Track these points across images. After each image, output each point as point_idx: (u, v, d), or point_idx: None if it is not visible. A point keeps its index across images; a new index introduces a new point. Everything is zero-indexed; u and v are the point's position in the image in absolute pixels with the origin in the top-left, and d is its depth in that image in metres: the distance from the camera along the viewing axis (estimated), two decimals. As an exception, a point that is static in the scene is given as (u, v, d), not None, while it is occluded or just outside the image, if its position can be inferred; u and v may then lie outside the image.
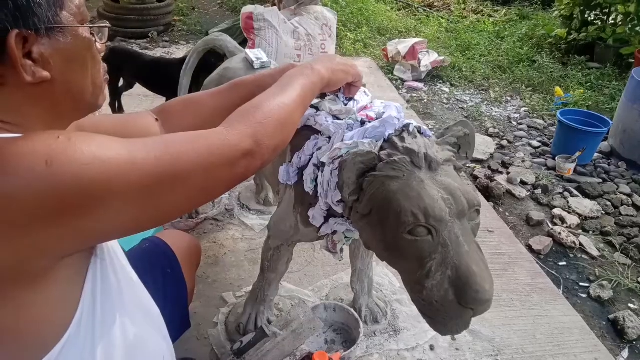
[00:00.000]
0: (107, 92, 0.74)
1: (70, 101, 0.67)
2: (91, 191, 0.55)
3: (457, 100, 3.80)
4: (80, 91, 0.68)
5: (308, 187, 1.13)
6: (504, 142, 3.13)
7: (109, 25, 0.74)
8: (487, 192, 2.52)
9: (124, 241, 1.39)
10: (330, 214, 1.12)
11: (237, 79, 1.02)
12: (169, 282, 1.10)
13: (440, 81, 4.11)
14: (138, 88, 2.82)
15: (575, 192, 2.57)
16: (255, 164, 0.71)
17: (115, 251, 0.75)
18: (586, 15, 4.50)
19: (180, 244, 1.20)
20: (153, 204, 0.62)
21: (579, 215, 2.38)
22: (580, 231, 2.29)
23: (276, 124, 0.75)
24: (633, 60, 3.92)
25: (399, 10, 6.03)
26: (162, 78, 2.52)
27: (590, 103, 3.58)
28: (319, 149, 1.12)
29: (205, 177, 0.65)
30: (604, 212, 2.42)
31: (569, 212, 2.40)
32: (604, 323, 1.79)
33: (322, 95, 1.24)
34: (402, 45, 4.11)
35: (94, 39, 0.68)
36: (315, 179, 1.11)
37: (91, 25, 0.68)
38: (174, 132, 0.95)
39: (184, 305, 1.17)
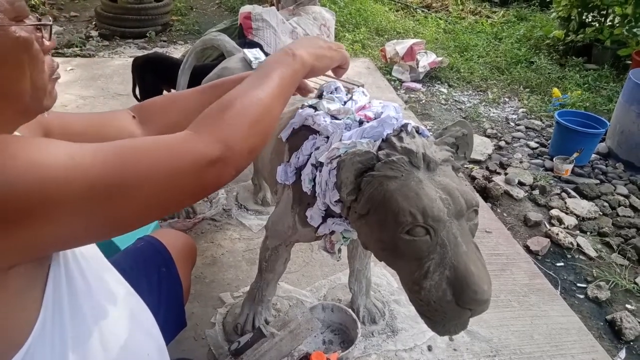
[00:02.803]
0: (55, 93, 0.68)
1: (5, 105, 0.61)
2: (28, 200, 0.50)
3: (455, 101, 3.80)
4: (16, 94, 0.61)
5: (306, 187, 1.13)
6: (502, 143, 3.13)
7: (49, 23, 0.65)
8: (485, 193, 2.52)
9: (119, 240, 1.38)
10: (328, 214, 1.12)
11: (220, 79, 0.99)
12: (163, 281, 1.10)
13: (438, 82, 4.11)
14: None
15: (573, 193, 2.58)
16: (227, 171, 0.64)
17: (81, 252, 0.72)
18: (584, 17, 4.51)
19: (176, 242, 1.19)
20: (103, 213, 0.56)
21: (577, 216, 2.39)
22: (577, 232, 2.29)
23: (251, 123, 0.67)
24: (630, 62, 3.93)
25: (397, 11, 6.03)
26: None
27: (587, 104, 3.59)
28: (317, 148, 1.12)
29: (165, 186, 0.59)
30: (601, 213, 2.43)
31: (567, 213, 2.40)
32: (602, 324, 1.79)
33: (320, 95, 1.24)
34: (400, 46, 4.12)
35: (34, 36, 0.61)
36: (314, 179, 1.11)
37: (22, 25, 0.60)
38: (153, 130, 0.89)
39: (179, 305, 1.17)
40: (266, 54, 1.78)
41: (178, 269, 1.14)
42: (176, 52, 4.18)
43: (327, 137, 1.11)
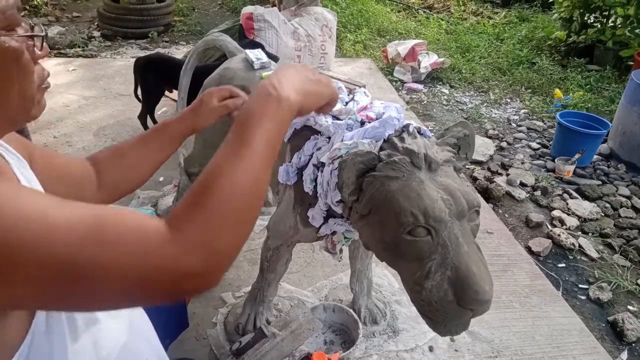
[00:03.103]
0: (44, 102, 0.67)
1: None
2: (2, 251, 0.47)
3: (457, 101, 3.80)
4: (4, 103, 0.60)
5: (307, 187, 1.13)
6: (504, 144, 3.13)
7: (41, 34, 0.63)
8: (487, 194, 2.52)
9: None
10: (329, 214, 1.12)
11: (162, 121, 0.94)
12: None
13: (440, 83, 4.11)
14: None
15: (575, 194, 2.58)
16: (211, 280, 0.56)
17: None
18: (586, 18, 4.51)
19: None
20: (65, 289, 0.51)
21: (578, 217, 2.38)
22: (579, 233, 2.29)
23: (237, 209, 0.58)
24: (632, 63, 3.92)
25: (398, 11, 6.03)
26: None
27: (589, 105, 3.59)
28: (319, 149, 1.12)
29: (135, 284, 0.53)
30: (603, 214, 2.42)
31: (568, 214, 2.40)
32: (603, 325, 1.79)
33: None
34: (402, 47, 4.12)
35: (24, 45, 0.59)
36: (315, 179, 1.11)
37: (13, 35, 0.58)
38: (105, 182, 0.87)
39: (181, 305, 1.16)
40: (268, 54, 1.78)
41: None
42: (178, 52, 4.19)
43: (329, 138, 1.12)
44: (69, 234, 0.50)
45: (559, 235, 2.21)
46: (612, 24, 4.42)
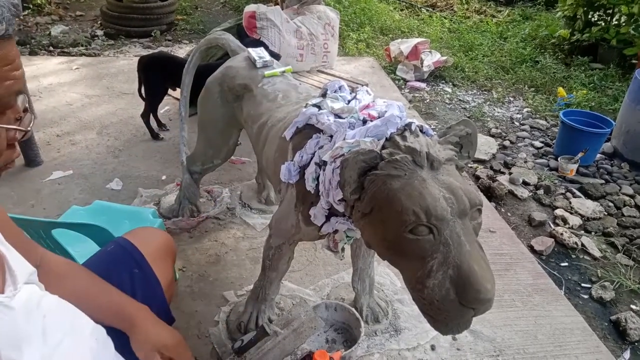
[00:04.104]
0: None
1: None
2: None
3: (460, 100, 3.79)
4: None
5: (310, 185, 1.13)
6: (506, 143, 3.12)
7: (25, 129, 0.69)
8: (489, 192, 2.51)
9: (114, 230, 1.35)
10: (331, 212, 1.12)
11: (126, 304, 0.96)
12: (137, 281, 1.07)
13: (443, 81, 4.10)
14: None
15: (578, 193, 2.57)
16: None
17: (30, 299, 0.71)
18: (589, 16, 4.49)
19: (148, 240, 1.16)
20: None
21: (581, 216, 2.38)
22: (582, 232, 2.28)
23: None
24: (636, 61, 3.91)
25: (401, 10, 6.02)
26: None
27: (593, 104, 3.57)
28: (321, 147, 1.12)
29: None
30: (606, 213, 2.41)
31: (571, 213, 2.39)
32: (606, 324, 1.79)
33: (324, 94, 1.24)
34: (404, 45, 4.11)
35: (4, 130, 0.65)
36: (317, 178, 1.11)
37: (3, 124, 0.65)
38: (51, 288, 0.85)
39: (161, 302, 1.14)
40: (270, 53, 1.78)
41: (155, 266, 1.11)
42: (181, 51, 4.19)
43: (331, 136, 1.12)
44: None
45: (561, 234, 2.20)
46: (616, 22, 4.40)
